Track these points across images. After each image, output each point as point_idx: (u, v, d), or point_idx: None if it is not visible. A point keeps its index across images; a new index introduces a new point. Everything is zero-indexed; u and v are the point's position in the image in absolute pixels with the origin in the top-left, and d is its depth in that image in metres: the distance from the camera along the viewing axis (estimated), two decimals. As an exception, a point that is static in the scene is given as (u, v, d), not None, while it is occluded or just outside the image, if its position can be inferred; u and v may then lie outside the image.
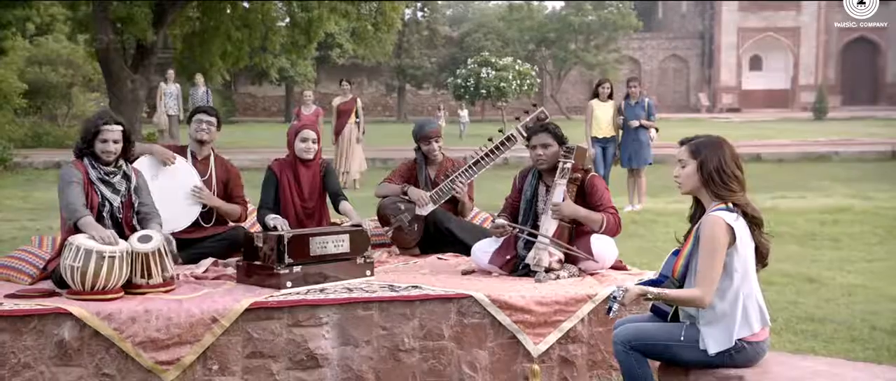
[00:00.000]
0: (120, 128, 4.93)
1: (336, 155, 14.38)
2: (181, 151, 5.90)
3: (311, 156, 5.68)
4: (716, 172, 3.60)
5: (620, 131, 11.55)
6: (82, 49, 32.00)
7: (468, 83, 35.38)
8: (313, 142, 5.70)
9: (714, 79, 55.63)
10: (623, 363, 3.64)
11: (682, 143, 3.78)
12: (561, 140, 5.17)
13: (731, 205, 3.61)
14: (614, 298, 3.49)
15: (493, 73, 35.10)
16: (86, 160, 4.92)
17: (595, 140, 11.69)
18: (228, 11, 24.76)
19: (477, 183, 6.20)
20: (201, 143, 5.86)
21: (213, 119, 5.88)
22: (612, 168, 11.74)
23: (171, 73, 19.80)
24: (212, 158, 5.92)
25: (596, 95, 11.84)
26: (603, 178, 10.19)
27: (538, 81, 39.37)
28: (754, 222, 3.68)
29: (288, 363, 4.55)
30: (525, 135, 5.65)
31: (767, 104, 53.88)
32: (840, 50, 56.05)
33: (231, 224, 5.90)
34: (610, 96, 11.69)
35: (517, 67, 35.91)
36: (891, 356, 5.09)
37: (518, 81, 35.49)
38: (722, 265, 3.50)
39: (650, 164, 11.64)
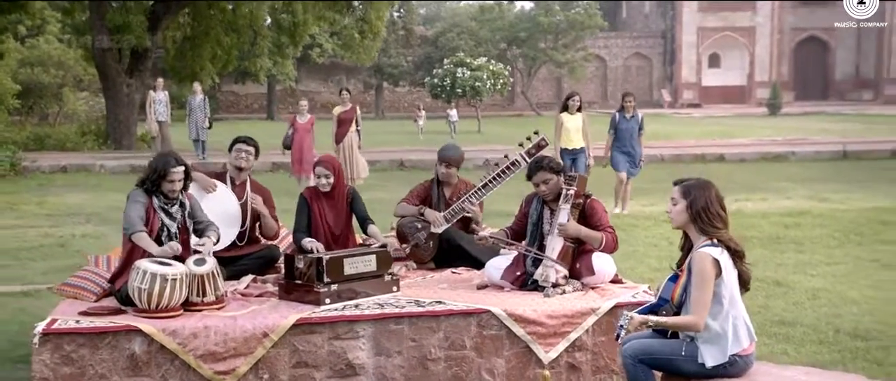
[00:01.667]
0: (183, 168, 5.33)
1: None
2: (220, 176, 6.27)
3: (327, 190, 6.04)
4: (703, 211, 4.03)
5: (613, 140, 11.63)
6: (73, 51, 32.04)
7: (445, 83, 35.83)
8: (326, 178, 6.04)
9: (675, 76, 56.41)
10: (631, 374, 4.07)
11: (675, 183, 4.20)
12: (558, 171, 5.57)
13: (715, 241, 4.02)
14: (622, 326, 3.93)
15: (469, 73, 35.57)
16: (151, 193, 5.31)
17: (565, 152, 11.62)
18: (217, 16, 24.93)
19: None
20: (240, 169, 6.24)
21: (252, 149, 6.28)
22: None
23: (160, 81, 20.05)
24: (248, 184, 6.31)
25: (565, 108, 11.76)
26: None
27: (511, 80, 39.82)
28: (736, 255, 4.09)
29: (329, 372, 4.96)
30: (528, 160, 6.07)
31: (725, 100, 54.72)
32: (793, 48, 57.07)
33: (264, 244, 6.29)
34: (579, 109, 11.73)
35: (491, 68, 36.41)
36: (854, 358, 5.55)
37: (492, 81, 36.00)
38: (712, 294, 3.94)
39: (635, 174, 11.87)
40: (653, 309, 4.11)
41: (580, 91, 54.93)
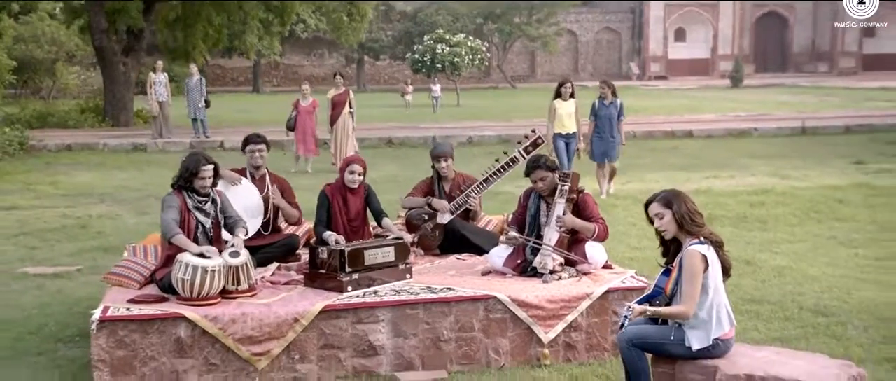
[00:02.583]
0: (212, 166, 5.64)
1: (332, 144, 14.95)
2: (242, 172, 6.59)
3: (356, 186, 6.38)
4: (686, 216, 4.42)
5: (594, 126, 11.76)
6: (64, 28, 31.87)
7: (425, 58, 36.01)
8: (359, 175, 6.39)
9: (643, 49, 56.86)
10: (626, 356, 4.47)
11: (648, 202, 4.56)
12: (553, 169, 5.94)
13: (701, 238, 4.42)
14: (625, 316, 4.33)
15: (448, 48, 35.76)
16: (184, 192, 5.62)
17: (558, 136, 11.92)
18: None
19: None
20: (257, 167, 6.57)
21: (264, 145, 6.62)
22: (574, 160, 12.06)
23: (159, 63, 20.15)
24: (267, 177, 6.63)
25: (559, 94, 12.00)
26: (569, 168, 10.92)
27: (488, 55, 40.05)
28: (717, 245, 4.49)
29: (353, 353, 5.33)
30: (525, 156, 6.45)
31: (690, 72, 55.29)
32: (753, 23, 57.63)
33: (286, 233, 6.63)
34: (571, 95, 12.02)
35: (469, 43, 36.62)
36: (816, 333, 5.97)
37: (470, 56, 36.22)
38: (700, 287, 4.34)
39: (617, 157, 11.95)
40: (648, 299, 4.51)
41: (552, 64, 55.14)
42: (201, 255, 5.29)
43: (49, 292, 7.19)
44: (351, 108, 14.83)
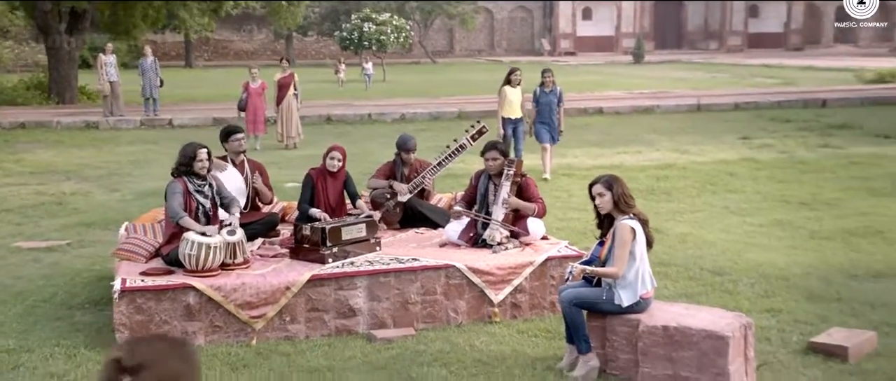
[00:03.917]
0: (206, 149, 6.18)
1: (278, 122, 15.34)
2: (224, 159, 7.11)
3: (336, 169, 6.97)
4: (622, 197, 5.18)
5: (536, 112, 11.94)
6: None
7: (353, 36, 36.23)
8: (339, 160, 6.98)
9: (554, 27, 58.00)
10: (567, 313, 5.20)
11: (592, 183, 5.29)
12: (505, 154, 6.65)
13: (631, 215, 5.18)
14: (570, 273, 5.08)
15: (374, 27, 36.04)
16: (185, 177, 6.13)
17: (507, 121, 12.05)
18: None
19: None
20: (237, 153, 7.10)
21: (243, 134, 7.21)
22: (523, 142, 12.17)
23: (109, 45, 20.10)
24: (246, 163, 7.16)
25: (508, 81, 12.08)
26: (518, 153, 11.56)
27: (412, 33, 40.44)
28: (644, 222, 5.26)
29: (335, 315, 5.96)
30: (472, 143, 7.16)
31: (597, 49, 56.69)
32: (653, 4, 59.34)
33: (265, 211, 7.18)
34: (519, 83, 12.09)
35: (394, 22, 36.93)
36: (714, 290, 6.82)
37: (396, 34, 36.57)
38: (628, 253, 5.10)
39: (557, 140, 12.18)
40: (586, 263, 5.26)
41: (470, 40, 55.50)
42: (203, 234, 5.84)
43: (47, 264, 7.56)
44: (295, 90, 15.27)
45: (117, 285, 5.56)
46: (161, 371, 1.82)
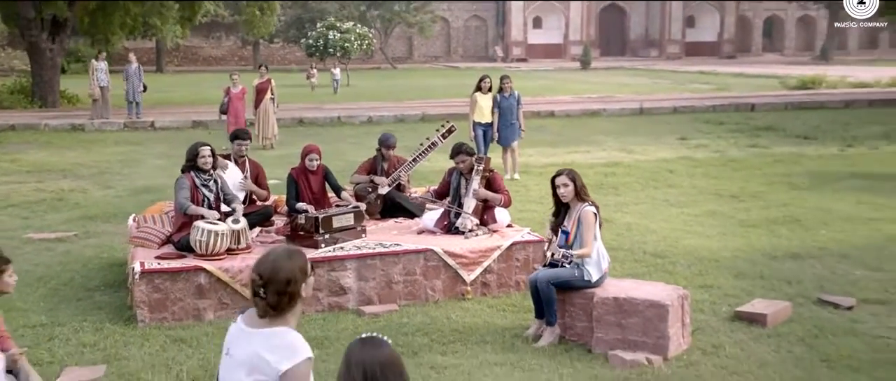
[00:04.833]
0: (208, 147, 6.64)
1: (256, 124, 15.69)
2: (228, 157, 7.55)
3: (314, 168, 7.43)
4: (582, 188, 5.77)
5: (498, 116, 12.11)
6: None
7: (318, 43, 36.51)
8: (316, 160, 7.44)
9: (506, 35, 58.83)
10: (543, 290, 5.67)
11: (558, 173, 5.85)
12: (471, 154, 7.19)
13: (590, 202, 5.76)
14: (552, 254, 5.64)
15: (339, 35, 36.37)
16: (192, 173, 6.58)
17: (477, 125, 12.27)
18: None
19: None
20: (241, 155, 7.56)
21: (248, 141, 7.65)
22: (491, 145, 12.37)
23: (102, 54, 20.21)
24: (247, 163, 7.61)
25: (479, 88, 12.33)
26: (486, 153, 11.99)
27: (374, 40, 40.82)
28: (598, 209, 5.85)
29: (328, 293, 6.46)
30: (443, 141, 7.72)
31: (546, 55, 57.67)
32: (598, 13, 60.52)
33: (259, 205, 7.63)
34: (490, 90, 12.37)
35: (358, 30, 37.30)
36: (656, 270, 7.43)
37: (359, 42, 36.94)
38: (593, 234, 5.67)
39: (519, 139, 12.36)
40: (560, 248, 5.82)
41: (428, 47, 55.94)
42: (203, 217, 6.31)
43: (60, 253, 7.91)
44: (272, 94, 15.64)
45: (137, 267, 5.99)
46: (280, 278, 2.62)
